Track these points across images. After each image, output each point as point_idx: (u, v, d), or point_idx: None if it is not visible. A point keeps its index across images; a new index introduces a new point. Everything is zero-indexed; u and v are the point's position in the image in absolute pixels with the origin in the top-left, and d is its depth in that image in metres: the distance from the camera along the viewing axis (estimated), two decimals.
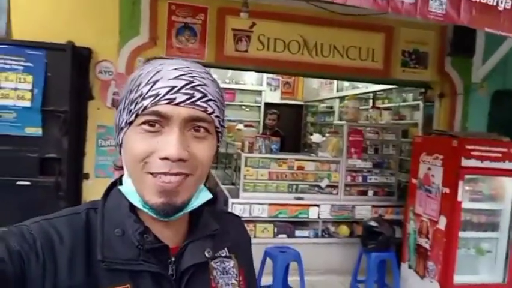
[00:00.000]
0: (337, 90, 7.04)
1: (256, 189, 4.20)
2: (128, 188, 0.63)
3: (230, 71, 7.38)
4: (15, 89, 2.86)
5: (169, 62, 0.63)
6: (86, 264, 0.59)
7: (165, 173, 0.58)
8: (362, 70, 3.95)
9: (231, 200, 4.04)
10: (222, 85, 7.59)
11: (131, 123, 0.60)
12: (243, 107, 7.91)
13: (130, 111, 0.60)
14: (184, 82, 0.60)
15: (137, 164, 0.59)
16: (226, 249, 0.72)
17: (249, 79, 7.77)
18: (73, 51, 3.07)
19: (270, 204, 4.13)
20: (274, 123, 5.41)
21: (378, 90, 5.85)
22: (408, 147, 4.93)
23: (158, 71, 0.61)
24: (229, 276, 0.70)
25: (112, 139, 3.35)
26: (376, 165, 4.54)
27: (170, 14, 3.41)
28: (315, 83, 7.68)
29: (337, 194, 4.38)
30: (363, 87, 6.06)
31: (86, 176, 3.29)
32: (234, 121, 6.80)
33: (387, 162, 4.60)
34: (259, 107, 7.92)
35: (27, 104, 2.88)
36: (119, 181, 0.67)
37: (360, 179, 4.47)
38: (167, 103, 0.58)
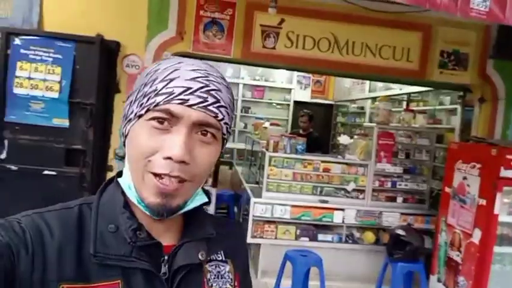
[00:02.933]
0: (369, 91, 6.81)
1: (280, 189, 4.11)
2: (126, 181, 0.63)
3: (260, 68, 7.32)
4: (44, 80, 2.92)
5: (187, 62, 0.63)
6: (77, 258, 0.59)
7: (166, 175, 0.58)
8: (396, 70, 3.75)
9: (253, 199, 3.97)
10: (252, 82, 7.56)
11: (140, 116, 0.60)
12: (274, 104, 7.81)
13: (142, 104, 0.60)
14: (200, 85, 0.60)
15: (141, 160, 0.59)
16: (222, 253, 0.72)
17: (279, 77, 7.67)
18: (102, 44, 3.09)
19: (292, 206, 4.03)
20: (307, 125, 5.28)
21: (413, 92, 5.59)
22: (443, 153, 4.67)
23: (176, 69, 0.61)
24: (224, 281, 0.70)
25: None
26: (407, 170, 4.33)
27: (199, 8, 3.37)
28: (346, 82, 7.47)
29: (364, 198, 4.22)
30: (397, 89, 5.81)
31: (110, 168, 3.32)
32: (261, 119, 6.73)
33: (419, 168, 4.38)
34: (289, 105, 7.81)
35: (55, 95, 2.93)
36: (117, 175, 0.68)
37: (389, 185, 4.28)
38: (180, 103, 0.58)
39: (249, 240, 3.96)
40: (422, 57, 3.75)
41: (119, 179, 0.65)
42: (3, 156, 2.94)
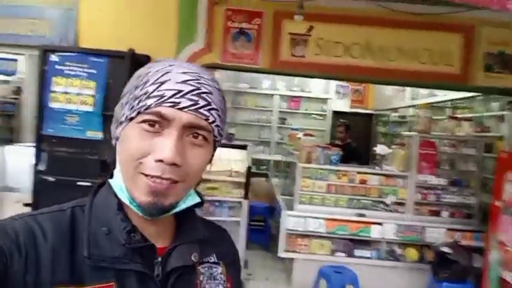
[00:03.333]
0: (411, 98, 6.48)
1: (313, 201, 3.97)
2: (117, 182, 0.63)
3: (296, 79, 7.24)
4: (79, 94, 3.03)
5: (178, 64, 0.63)
6: (70, 261, 0.59)
7: (158, 177, 0.58)
8: (435, 75, 3.52)
9: (284, 212, 3.86)
10: (288, 93, 7.48)
11: (131, 119, 0.61)
12: (311, 114, 7.68)
13: (133, 107, 0.60)
14: (191, 88, 0.60)
15: (132, 162, 0.59)
16: (214, 255, 0.73)
17: (316, 87, 7.53)
18: (132, 58, 3.17)
19: (327, 219, 3.86)
20: (344, 135, 5.11)
21: (458, 99, 5.23)
22: (493, 163, 4.30)
23: (167, 72, 0.61)
24: (217, 282, 0.71)
25: None
26: (453, 182, 4.02)
27: (227, 19, 3.38)
28: (387, 90, 7.18)
29: (404, 212, 3.96)
30: (441, 95, 5.48)
31: None
32: (297, 129, 6.62)
33: (467, 180, 4.06)
34: (326, 115, 7.63)
35: (90, 108, 3.03)
36: (109, 178, 0.68)
37: (432, 198, 4.00)
38: (171, 106, 0.59)
39: (282, 254, 3.84)
40: (464, 60, 3.49)
41: (110, 181, 0.66)
42: (42, 167, 3.07)
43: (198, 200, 0.68)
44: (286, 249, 3.85)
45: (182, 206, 0.65)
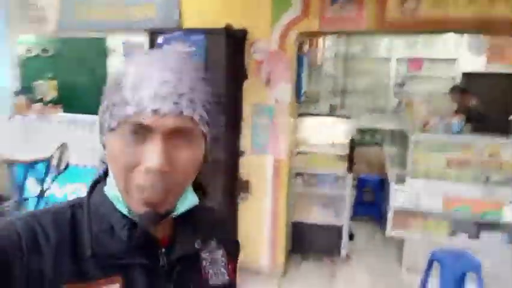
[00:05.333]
0: None
1: (429, 176, 3.54)
2: (113, 192, 0.63)
3: (419, 37, 6.42)
4: None
5: (155, 59, 0.59)
6: (75, 259, 0.59)
7: (149, 186, 0.57)
8: None
9: (393, 186, 3.54)
10: (407, 54, 6.70)
11: (113, 129, 0.58)
12: (437, 78, 6.78)
13: (112, 115, 0.58)
14: (171, 90, 0.56)
15: (122, 175, 0.58)
16: (214, 240, 0.74)
17: (441, 46, 6.57)
18: (229, 34, 3.21)
19: (445, 197, 3.41)
20: (466, 100, 4.39)
21: None
22: None
23: (143, 72, 0.57)
24: (218, 266, 0.72)
25: (267, 118, 3.40)
26: None
27: None
28: None
29: None
30: None
31: (242, 154, 3.46)
32: (415, 96, 5.93)
33: None
34: (453, 78, 6.64)
35: None
36: (104, 175, 0.67)
37: None
38: (152, 115, 0.55)
39: (390, 232, 3.57)
40: None
41: (105, 189, 0.65)
42: None
43: (196, 200, 0.67)
44: (396, 227, 3.56)
45: (180, 209, 0.64)
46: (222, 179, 3.30)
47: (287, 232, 3.68)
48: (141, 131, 0.56)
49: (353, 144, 3.63)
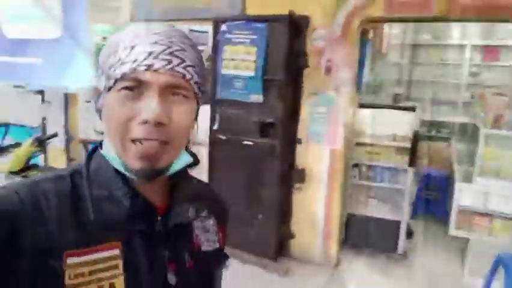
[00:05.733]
0: None
1: (500, 175, 3.27)
2: (109, 152, 0.65)
3: (497, 25, 5.87)
4: (243, 60, 3.27)
5: (148, 26, 0.63)
6: (76, 225, 0.61)
7: (146, 139, 0.59)
8: None
9: (458, 184, 3.32)
10: (483, 42, 6.17)
11: (110, 88, 0.62)
12: None
13: (109, 76, 0.61)
14: (163, 47, 0.60)
15: (118, 129, 0.61)
16: (206, 210, 0.78)
17: None
18: (291, 21, 3.19)
19: None
20: None
21: None
22: None
23: (137, 36, 0.61)
24: (210, 233, 0.77)
25: (325, 107, 3.35)
26: None
27: None
28: None
29: None
30: None
31: (299, 141, 3.45)
32: (490, 87, 5.45)
33: None
34: None
35: (252, 73, 3.24)
36: (100, 146, 0.70)
37: None
38: (146, 69, 0.59)
39: (453, 231, 3.37)
40: None
41: (101, 151, 0.68)
42: (216, 127, 3.52)
43: (190, 159, 0.70)
44: (459, 226, 3.35)
45: (176, 167, 0.66)
46: (277, 166, 3.34)
47: (341, 224, 3.63)
48: (137, 87, 0.59)
49: (416, 137, 3.46)
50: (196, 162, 0.73)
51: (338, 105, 3.32)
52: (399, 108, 3.64)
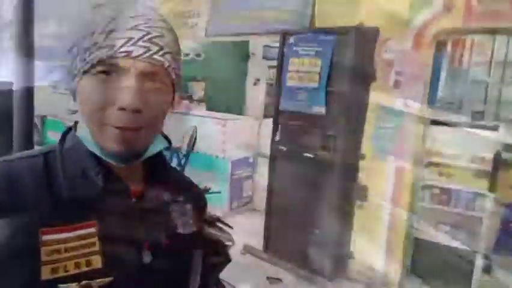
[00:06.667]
0: None
1: None
2: (84, 135, 0.65)
3: None
4: (308, 72, 3.27)
5: (125, 7, 0.62)
6: (50, 203, 0.61)
7: (123, 127, 0.60)
8: None
9: None
10: None
11: (85, 71, 0.61)
12: None
13: (84, 59, 0.60)
14: (142, 33, 0.60)
15: (95, 114, 0.61)
16: (183, 195, 0.77)
17: None
18: (359, 33, 3.12)
19: None
20: None
21: None
22: None
23: (113, 18, 0.60)
24: (186, 217, 0.76)
25: (393, 122, 3.18)
26: None
27: None
28: None
29: None
30: None
31: (363, 156, 3.30)
32: None
33: None
34: None
35: (315, 85, 3.22)
36: (74, 127, 0.70)
37: None
38: (124, 56, 0.59)
39: None
40: None
41: (77, 134, 0.67)
42: (278, 138, 3.54)
43: (166, 143, 0.70)
44: None
45: (152, 150, 0.66)
46: (338, 180, 3.22)
47: (407, 248, 3.35)
48: (114, 72, 0.59)
49: (498, 160, 3.10)
50: (169, 144, 0.73)
51: (407, 121, 3.12)
52: (479, 126, 3.30)
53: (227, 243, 0.91)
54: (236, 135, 4.71)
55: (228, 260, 0.90)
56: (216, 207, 4.35)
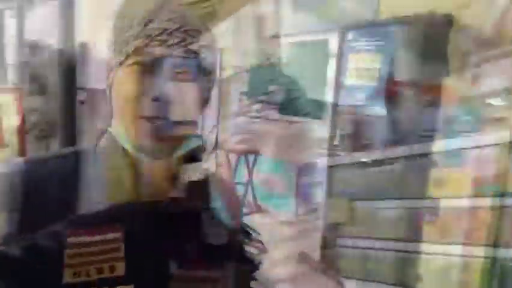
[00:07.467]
0: None
1: None
2: (118, 132, 0.67)
3: None
4: (367, 69, 3.01)
5: (162, 3, 0.65)
6: (77, 206, 0.64)
7: (156, 117, 0.61)
8: None
9: None
10: None
11: (121, 63, 0.64)
12: None
13: (121, 50, 0.64)
14: (177, 25, 0.63)
15: (129, 105, 0.63)
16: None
17: None
18: (427, 23, 2.77)
19: None
20: None
21: None
22: None
23: (151, 11, 0.64)
24: (219, 228, 0.70)
25: (469, 123, 2.73)
26: None
27: None
28: None
29: None
30: None
31: (432, 163, 2.89)
32: None
33: None
34: None
35: (375, 83, 2.95)
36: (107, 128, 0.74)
37: None
38: (159, 45, 0.62)
39: None
40: None
41: (110, 130, 0.69)
42: (336, 142, 3.31)
43: (200, 142, 0.70)
44: None
45: (186, 147, 0.67)
46: (401, 189, 2.88)
47: (488, 272, 2.82)
48: (149, 63, 0.60)
49: None
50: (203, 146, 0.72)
51: (487, 121, 2.64)
52: None
53: (257, 251, 0.85)
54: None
55: (257, 268, 0.83)
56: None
